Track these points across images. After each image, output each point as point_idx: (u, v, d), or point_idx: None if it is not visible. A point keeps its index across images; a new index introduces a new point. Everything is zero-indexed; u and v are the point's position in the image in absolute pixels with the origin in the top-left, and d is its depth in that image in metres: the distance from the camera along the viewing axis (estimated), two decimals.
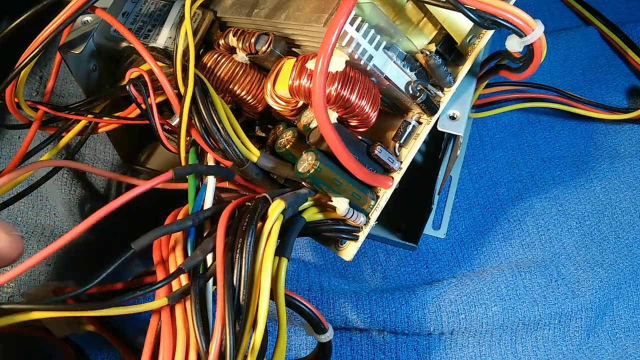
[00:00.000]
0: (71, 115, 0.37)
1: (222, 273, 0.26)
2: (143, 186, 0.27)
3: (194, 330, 0.26)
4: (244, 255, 0.27)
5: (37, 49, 0.33)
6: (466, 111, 0.35)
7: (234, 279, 0.26)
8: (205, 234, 0.30)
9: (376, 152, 0.33)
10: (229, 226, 0.28)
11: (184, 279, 0.28)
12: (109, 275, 0.26)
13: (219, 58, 0.35)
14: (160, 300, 0.27)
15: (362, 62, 0.31)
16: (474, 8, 0.29)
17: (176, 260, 0.29)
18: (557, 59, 0.58)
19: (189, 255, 0.29)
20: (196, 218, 0.29)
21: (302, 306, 0.30)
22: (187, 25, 0.32)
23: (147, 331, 0.28)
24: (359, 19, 0.30)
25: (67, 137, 0.38)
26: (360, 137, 0.34)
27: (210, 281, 0.28)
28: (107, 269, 0.26)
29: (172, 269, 0.28)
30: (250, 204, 0.30)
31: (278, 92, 0.34)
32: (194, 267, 0.27)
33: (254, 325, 0.26)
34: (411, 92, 0.33)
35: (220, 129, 0.31)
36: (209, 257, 0.29)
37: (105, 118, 0.37)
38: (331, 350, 0.32)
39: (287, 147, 0.33)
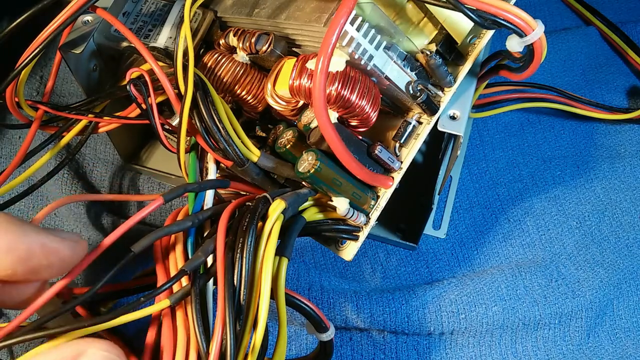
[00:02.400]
0: (71, 114, 0.37)
1: (222, 273, 0.26)
2: (136, 217, 0.27)
3: (194, 330, 0.26)
4: (244, 255, 0.27)
5: (38, 49, 0.33)
6: (466, 111, 0.35)
7: (235, 278, 0.26)
8: (205, 234, 0.30)
9: (376, 152, 0.33)
10: (229, 226, 0.28)
11: (184, 280, 0.28)
12: (110, 277, 0.26)
13: (220, 58, 0.36)
14: (162, 302, 0.27)
15: (362, 62, 0.31)
16: (474, 8, 0.29)
17: (177, 261, 0.29)
18: (557, 59, 0.58)
19: (189, 255, 0.29)
20: (196, 219, 0.29)
21: (303, 305, 0.30)
22: (186, 30, 0.32)
23: (147, 331, 0.28)
24: (360, 19, 0.30)
25: (68, 137, 0.38)
26: (360, 137, 0.34)
27: (211, 281, 0.28)
28: (107, 274, 0.26)
29: (172, 271, 0.29)
30: (250, 203, 0.30)
31: (278, 92, 0.34)
32: (197, 268, 0.27)
33: (255, 325, 0.26)
34: (411, 92, 0.33)
35: (221, 128, 0.31)
36: (210, 257, 0.29)
37: (105, 118, 0.37)
38: (332, 348, 0.32)
39: (287, 147, 0.33)
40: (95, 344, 0.22)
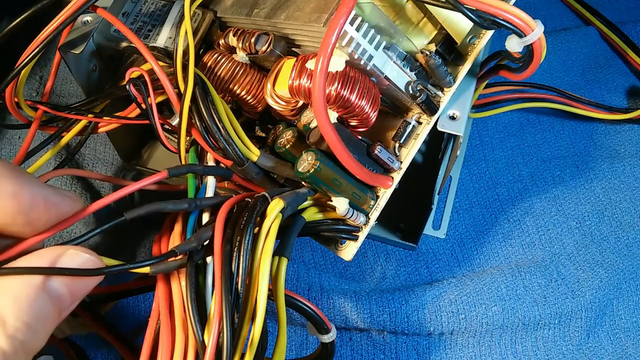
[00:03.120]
0: (71, 115, 0.37)
1: (219, 266, 0.26)
2: (137, 184, 0.27)
3: (191, 326, 0.26)
4: (241, 254, 0.27)
5: (37, 49, 0.33)
6: (466, 111, 0.35)
7: (232, 274, 0.26)
8: (204, 225, 0.30)
9: (376, 152, 0.33)
10: (228, 220, 0.28)
11: (182, 276, 0.28)
12: (95, 233, 0.26)
13: (219, 58, 0.36)
14: (144, 269, 0.26)
15: (362, 62, 0.31)
16: (473, 8, 0.29)
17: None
18: (557, 59, 0.58)
19: None
20: (193, 203, 0.29)
21: (305, 307, 0.30)
22: (187, 25, 0.32)
23: (145, 330, 0.28)
24: (359, 19, 0.30)
25: (67, 137, 0.38)
26: (360, 137, 0.34)
27: (210, 280, 0.28)
28: (94, 230, 0.26)
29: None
30: (250, 200, 0.30)
31: (278, 92, 0.34)
32: (186, 251, 0.27)
33: (253, 319, 0.26)
34: (411, 92, 0.33)
35: (221, 128, 0.31)
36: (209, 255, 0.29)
37: (105, 118, 0.37)
38: (334, 350, 0.32)
39: (287, 146, 0.33)
40: (75, 247, 0.23)
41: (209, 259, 0.28)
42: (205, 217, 0.30)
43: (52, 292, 0.22)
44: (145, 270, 0.26)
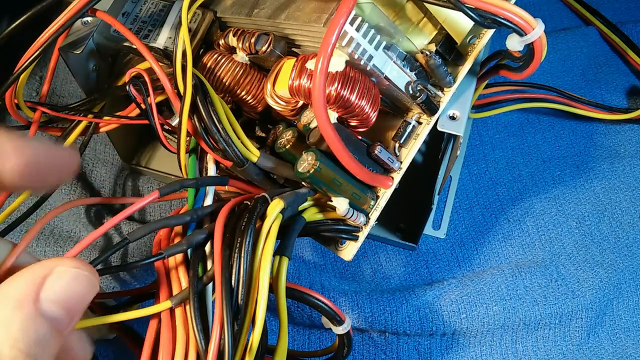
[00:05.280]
0: (69, 115, 0.36)
1: (219, 271, 0.26)
2: (131, 209, 0.27)
3: (193, 329, 0.26)
4: (242, 255, 0.27)
5: (36, 53, 0.33)
6: (466, 111, 0.35)
7: (232, 277, 0.26)
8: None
9: (376, 152, 0.33)
10: (227, 224, 0.28)
11: (184, 279, 0.28)
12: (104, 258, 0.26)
13: (219, 58, 0.36)
14: (164, 303, 0.27)
15: (362, 62, 0.31)
16: (474, 7, 0.29)
17: (175, 258, 0.29)
18: (557, 59, 0.58)
19: (188, 253, 0.29)
20: (195, 214, 0.29)
21: (317, 301, 0.30)
22: (184, 32, 0.32)
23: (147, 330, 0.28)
24: (359, 19, 0.30)
25: (71, 139, 0.38)
26: (360, 137, 0.34)
27: (211, 284, 0.28)
28: (100, 258, 0.26)
29: (172, 269, 0.29)
30: (249, 202, 0.30)
31: (278, 92, 0.34)
32: (174, 254, 0.28)
33: (253, 324, 0.26)
34: (411, 92, 0.33)
35: (220, 129, 0.31)
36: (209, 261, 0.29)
37: (105, 118, 0.37)
38: (351, 339, 0.33)
39: (287, 147, 0.33)
40: (62, 261, 0.21)
41: (209, 263, 0.28)
42: (206, 223, 0.30)
43: (46, 314, 0.20)
44: (167, 305, 0.27)
